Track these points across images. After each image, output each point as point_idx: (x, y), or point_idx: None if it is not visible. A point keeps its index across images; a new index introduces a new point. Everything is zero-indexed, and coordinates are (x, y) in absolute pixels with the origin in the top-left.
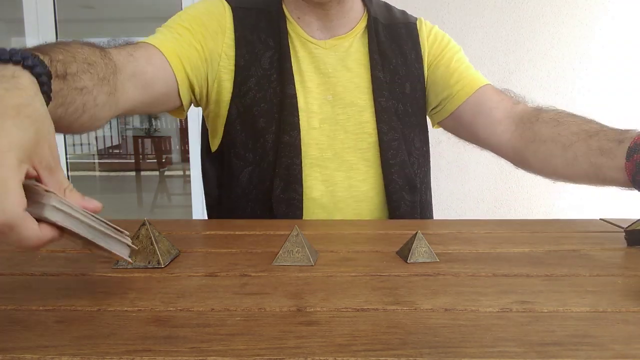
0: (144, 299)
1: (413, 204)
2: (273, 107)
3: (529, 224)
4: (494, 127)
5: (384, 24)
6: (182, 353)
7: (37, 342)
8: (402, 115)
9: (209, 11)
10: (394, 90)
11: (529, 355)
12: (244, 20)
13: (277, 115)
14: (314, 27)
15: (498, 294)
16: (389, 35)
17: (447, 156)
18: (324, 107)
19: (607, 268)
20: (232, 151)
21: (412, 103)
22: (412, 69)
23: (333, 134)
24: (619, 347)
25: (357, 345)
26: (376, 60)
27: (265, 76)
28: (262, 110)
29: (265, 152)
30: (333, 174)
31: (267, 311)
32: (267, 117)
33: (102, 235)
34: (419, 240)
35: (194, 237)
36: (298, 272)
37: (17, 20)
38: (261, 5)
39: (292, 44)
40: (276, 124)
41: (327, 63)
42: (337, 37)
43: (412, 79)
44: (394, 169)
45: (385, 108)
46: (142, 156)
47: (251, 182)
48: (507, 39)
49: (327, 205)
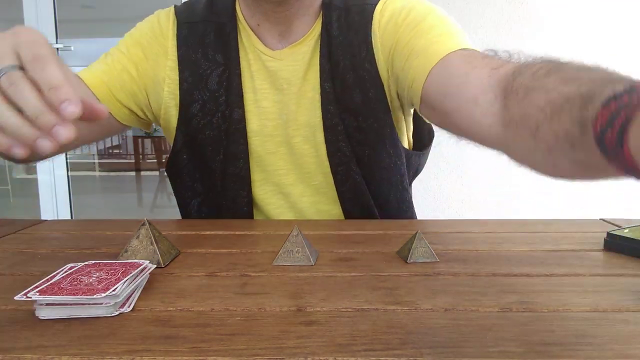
0: (143, 299)
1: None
2: (221, 134)
3: (529, 224)
4: (468, 110)
5: (340, 8)
6: (182, 353)
7: (37, 342)
8: (354, 133)
9: (152, 31)
10: (343, 101)
11: (529, 355)
12: (188, 37)
13: (225, 142)
14: (274, 33)
15: (498, 294)
16: (343, 26)
17: (447, 156)
18: (279, 129)
19: (607, 268)
20: (179, 180)
21: (367, 115)
22: (360, 72)
23: (292, 158)
24: (619, 347)
25: (357, 345)
26: (324, 67)
27: (212, 99)
28: (208, 138)
29: (213, 184)
30: (299, 200)
31: (267, 311)
32: (213, 145)
33: None
34: (419, 240)
35: (194, 237)
36: (298, 272)
37: (17, 20)
38: (211, 17)
39: (246, 58)
40: (224, 152)
41: (281, 78)
42: (294, 43)
43: (362, 85)
44: (345, 197)
45: (331, 127)
46: (142, 156)
47: (200, 213)
48: (507, 38)
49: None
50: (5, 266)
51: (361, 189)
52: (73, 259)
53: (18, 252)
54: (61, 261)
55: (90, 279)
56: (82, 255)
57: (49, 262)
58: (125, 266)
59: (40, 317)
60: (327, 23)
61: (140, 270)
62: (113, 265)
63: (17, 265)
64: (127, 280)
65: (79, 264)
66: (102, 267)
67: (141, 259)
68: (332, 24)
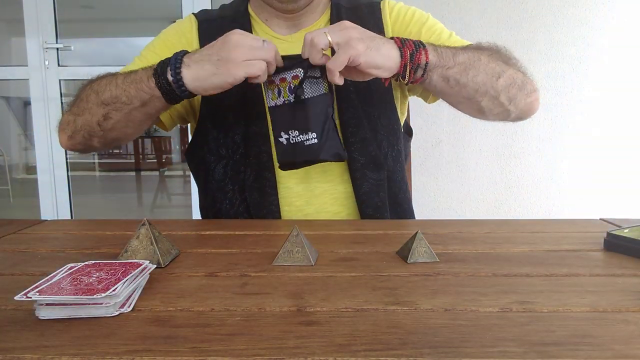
0: (143, 299)
1: (378, 182)
2: (239, 101)
3: (529, 224)
4: None
5: (347, 7)
6: (182, 353)
7: (37, 342)
8: (364, 93)
9: (177, 31)
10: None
11: (529, 355)
12: (208, 30)
13: (244, 107)
14: (282, 27)
15: (498, 294)
16: (352, 17)
17: (447, 156)
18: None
19: (607, 268)
20: (205, 147)
21: (375, 81)
22: None
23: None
24: (619, 347)
25: (357, 345)
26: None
27: None
28: (230, 106)
29: (237, 145)
30: None
31: (267, 311)
32: (234, 111)
33: None
34: (419, 240)
35: (194, 237)
36: (298, 272)
37: (17, 20)
38: (227, 14)
39: None
40: (243, 116)
41: None
42: (303, 29)
43: None
44: (354, 147)
45: (343, 87)
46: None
47: (226, 176)
48: (507, 38)
49: (304, 193)
50: (5, 266)
51: (369, 141)
52: (73, 259)
53: (18, 252)
54: (61, 261)
55: (90, 279)
56: (82, 255)
57: (49, 262)
58: (125, 266)
59: (40, 317)
60: (337, 15)
61: (140, 270)
62: (113, 265)
63: (17, 265)
64: (127, 280)
65: (79, 264)
66: (102, 267)
67: (141, 259)
68: (341, 15)
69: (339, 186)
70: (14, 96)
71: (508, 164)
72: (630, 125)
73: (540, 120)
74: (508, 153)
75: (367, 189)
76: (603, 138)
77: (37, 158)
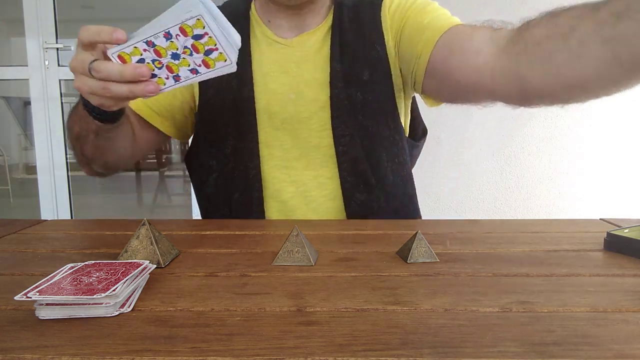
0: (144, 299)
1: (367, 203)
2: (232, 113)
3: (529, 224)
4: (472, 60)
5: (350, 6)
6: (182, 353)
7: (37, 342)
8: (361, 106)
9: None
10: (351, 78)
11: (529, 355)
12: None
13: (235, 120)
14: (285, 28)
15: (498, 294)
16: (353, 17)
17: (447, 156)
18: (286, 107)
19: (607, 268)
20: (198, 159)
21: (373, 90)
22: (371, 52)
23: (296, 133)
24: (619, 347)
25: (357, 345)
26: (335, 51)
27: (224, 82)
28: (222, 118)
29: (227, 158)
30: (302, 173)
31: (267, 311)
32: (226, 123)
33: None
34: (419, 240)
35: (194, 237)
36: (298, 272)
37: (17, 20)
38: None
39: (258, 46)
40: (234, 129)
41: (292, 62)
42: (306, 32)
43: (371, 64)
44: (343, 166)
45: (338, 101)
46: None
47: (217, 189)
48: None
49: (299, 207)
50: (5, 266)
51: (361, 160)
52: (73, 259)
53: (18, 252)
54: (61, 261)
55: (90, 279)
56: (82, 255)
57: (49, 262)
58: (125, 266)
59: (40, 317)
60: (339, 17)
61: (140, 271)
62: (113, 265)
63: (17, 265)
64: (127, 280)
65: (79, 264)
66: (102, 267)
67: (141, 259)
68: (343, 17)
69: (330, 202)
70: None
71: (508, 164)
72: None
73: (540, 120)
74: (508, 153)
75: (351, 210)
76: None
77: (37, 158)
